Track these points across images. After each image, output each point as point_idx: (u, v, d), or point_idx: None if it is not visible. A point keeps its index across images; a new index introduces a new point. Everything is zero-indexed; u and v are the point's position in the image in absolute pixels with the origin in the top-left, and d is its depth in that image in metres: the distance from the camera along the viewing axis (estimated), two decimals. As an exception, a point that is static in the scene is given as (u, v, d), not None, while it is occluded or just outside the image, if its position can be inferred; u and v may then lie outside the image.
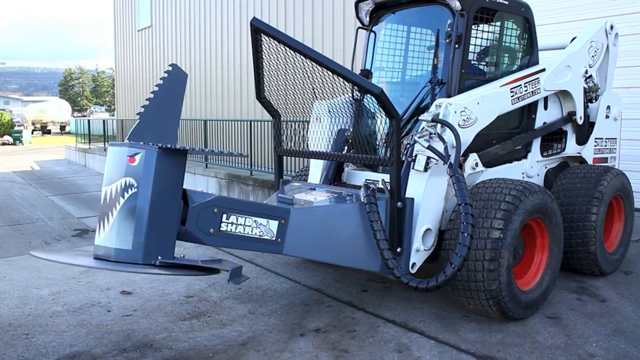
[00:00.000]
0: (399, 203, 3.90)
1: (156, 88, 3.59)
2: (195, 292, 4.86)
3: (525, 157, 5.07)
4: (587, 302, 4.54)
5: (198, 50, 16.46)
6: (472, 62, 4.59)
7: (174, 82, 3.66)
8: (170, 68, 3.67)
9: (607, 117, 5.83)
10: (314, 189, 4.55)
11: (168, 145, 3.21)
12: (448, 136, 3.94)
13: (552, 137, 5.37)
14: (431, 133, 3.95)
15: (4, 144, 34.86)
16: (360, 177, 4.85)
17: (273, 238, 3.66)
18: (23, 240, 7.38)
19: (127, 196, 3.17)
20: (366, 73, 5.10)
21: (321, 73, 3.97)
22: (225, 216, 3.49)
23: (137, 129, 3.54)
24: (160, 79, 3.61)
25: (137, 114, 3.57)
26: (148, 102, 3.56)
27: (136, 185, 3.17)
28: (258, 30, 4.00)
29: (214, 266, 3.44)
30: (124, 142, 3.40)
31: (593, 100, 5.79)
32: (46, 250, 3.39)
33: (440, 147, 3.91)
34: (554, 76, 4.96)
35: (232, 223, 3.52)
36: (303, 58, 3.85)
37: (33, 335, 3.96)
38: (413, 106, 4.51)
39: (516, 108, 4.64)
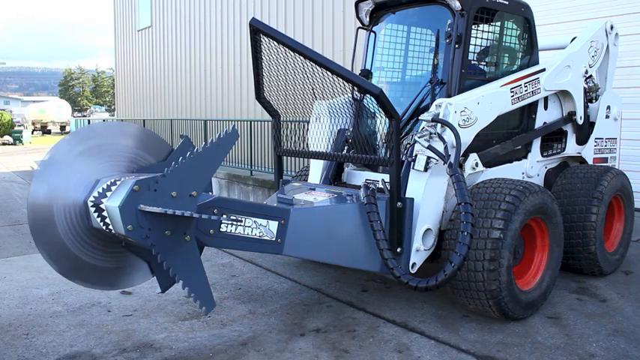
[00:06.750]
0: (399, 203, 3.90)
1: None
2: (195, 292, 4.85)
3: (525, 157, 5.08)
4: (587, 302, 4.54)
5: (198, 50, 16.45)
6: (472, 62, 4.59)
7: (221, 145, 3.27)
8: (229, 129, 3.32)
9: (607, 117, 5.84)
10: (314, 189, 4.55)
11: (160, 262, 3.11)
12: (448, 136, 3.94)
13: (552, 137, 5.38)
14: (431, 133, 3.95)
15: (4, 144, 34.86)
16: (360, 177, 4.85)
17: (273, 239, 3.66)
18: (23, 240, 7.37)
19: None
20: (366, 73, 5.10)
21: (320, 74, 3.97)
22: (225, 217, 3.49)
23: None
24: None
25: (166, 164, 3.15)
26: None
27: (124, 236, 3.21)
28: (258, 30, 4.00)
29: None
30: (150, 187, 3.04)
31: (593, 100, 5.79)
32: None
33: (440, 147, 3.91)
34: (555, 76, 4.96)
35: (232, 224, 3.52)
36: (303, 59, 3.85)
37: (33, 335, 3.96)
38: (413, 106, 4.52)
39: (516, 108, 4.64)
